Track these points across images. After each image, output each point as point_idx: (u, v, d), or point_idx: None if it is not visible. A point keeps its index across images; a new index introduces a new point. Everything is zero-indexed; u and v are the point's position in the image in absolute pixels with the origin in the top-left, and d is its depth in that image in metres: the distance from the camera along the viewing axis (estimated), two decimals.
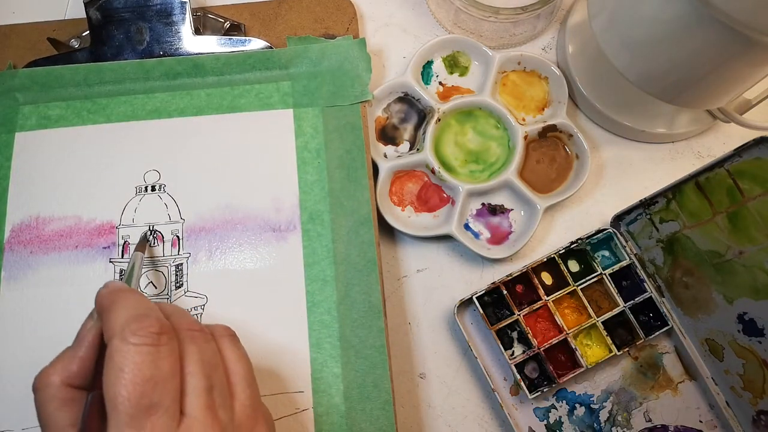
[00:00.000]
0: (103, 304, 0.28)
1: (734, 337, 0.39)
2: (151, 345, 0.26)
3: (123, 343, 0.25)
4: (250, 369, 0.30)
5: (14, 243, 0.41)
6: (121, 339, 0.25)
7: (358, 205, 0.41)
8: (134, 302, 0.28)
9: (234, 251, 0.41)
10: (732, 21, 0.32)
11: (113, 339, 0.26)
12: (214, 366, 0.28)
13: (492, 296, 0.43)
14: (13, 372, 0.38)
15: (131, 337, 0.25)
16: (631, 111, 0.46)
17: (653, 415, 0.42)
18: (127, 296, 0.28)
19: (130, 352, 0.25)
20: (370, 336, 0.39)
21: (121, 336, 0.26)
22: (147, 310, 0.27)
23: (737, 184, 0.35)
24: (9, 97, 0.44)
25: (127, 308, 0.27)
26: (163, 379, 0.25)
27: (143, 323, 0.26)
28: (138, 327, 0.26)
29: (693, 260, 0.40)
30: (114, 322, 0.26)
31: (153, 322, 0.26)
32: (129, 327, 0.26)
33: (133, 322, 0.26)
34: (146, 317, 0.26)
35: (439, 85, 0.48)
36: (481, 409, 0.42)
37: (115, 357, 0.25)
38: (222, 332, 0.31)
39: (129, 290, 0.29)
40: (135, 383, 0.25)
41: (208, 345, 0.29)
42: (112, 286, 0.30)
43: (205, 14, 0.47)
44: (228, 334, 0.31)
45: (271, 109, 0.44)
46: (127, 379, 0.25)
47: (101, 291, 0.29)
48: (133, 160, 0.43)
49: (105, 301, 0.28)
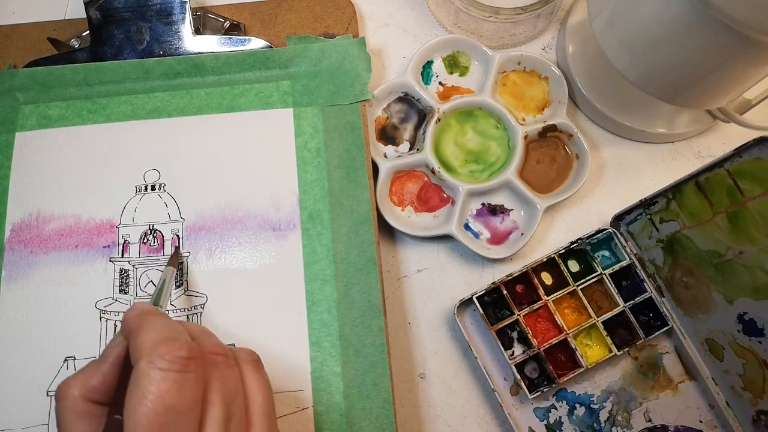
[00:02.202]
0: (131, 327, 0.28)
1: (734, 337, 0.39)
2: (177, 371, 0.25)
3: (150, 367, 0.25)
4: (271, 399, 0.29)
5: (14, 242, 0.41)
6: (148, 363, 0.25)
7: (358, 204, 0.41)
8: (163, 325, 0.27)
9: (234, 250, 0.41)
10: (732, 21, 0.32)
11: (140, 362, 0.25)
12: (235, 394, 0.28)
13: (492, 296, 0.43)
14: (13, 372, 0.38)
15: (159, 362, 0.25)
16: (631, 111, 0.46)
17: (653, 415, 0.42)
18: (155, 319, 0.28)
19: (156, 378, 0.25)
20: (369, 335, 0.39)
21: (149, 359, 0.25)
22: (175, 333, 0.27)
23: (737, 184, 0.35)
24: (9, 97, 0.44)
25: (156, 331, 0.27)
26: (185, 409, 0.25)
27: (172, 347, 0.26)
28: (166, 351, 0.25)
29: (693, 260, 0.40)
30: (141, 344, 0.26)
31: (181, 345, 0.26)
32: (157, 350, 0.25)
33: (161, 345, 0.26)
34: (174, 341, 0.26)
35: (439, 85, 0.48)
36: (481, 409, 0.42)
37: (141, 381, 0.25)
38: (246, 358, 0.30)
39: (157, 313, 0.29)
40: (157, 412, 0.24)
41: (231, 371, 0.28)
42: (140, 307, 0.29)
43: (204, 14, 0.47)
44: (252, 359, 0.30)
45: (270, 108, 0.44)
46: (149, 407, 0.24)
47: (129, 313, 0.29)
48: (133, 160, 0.43)
49: (133, 323, 0.28)
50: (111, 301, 0.40)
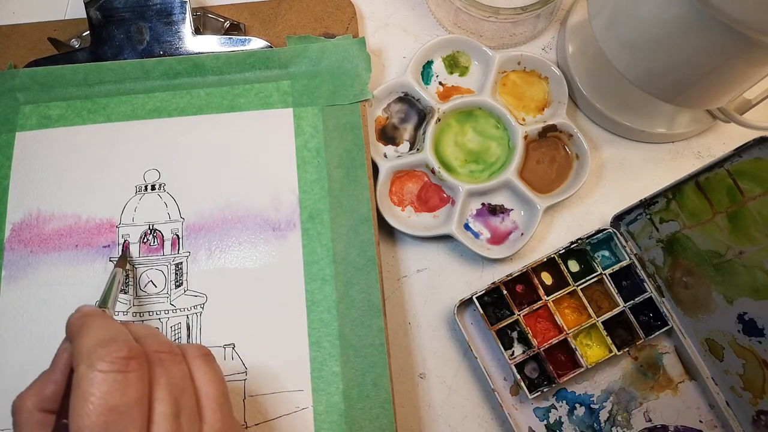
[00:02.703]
0: (72, 330, 0.28)
1: (734, 337, 0.39)
2: (118, 372, 0.25)
3: (89, 370, 0.25)
4: (223, 390, 0.29)
5: (14, 242, 0.41)
6: (87, 365, 0.25)
7: (358, 204, 0.41)
8: (102, 326, 0.27)
9: (233, 250, 0.41)
10: (732, 21, 0.32)
11: (80, 365, 0.25)
12: (183, 389, 0.27)
13: (492, 296, 0.43)
14: (13, 371, 0.38)
15: (98, 364, 0.25)
16: (631, 111, 0.46)
17: (653, 415, 0.42)
18: (95, 321, 0.27)
19: (96, 380, 0.24)
20: (369, 335, 0.39)
21: (88, 362, 0.25)
22: (115, 333, 0.27)
23: (737, 184, 0.35)
24: (9, 97, 0.44)
25: (95, 333, 0.26)
26: (129, 407, 0.25)
27: (110, 348, 0.25)
28: (105, 353, 0.25)
29: (693, 260, 0.40)
30: (81, 347, 0.26)
31: (120, 346, 0.26)
32: (96, 353, 0.25)
33: (99, 347, 0.25)
34: (113, 342, 0.26)
35: (439, 85, 0.48)
36: (481, 409, 0.42)
37: (82, 385, 0.25)
38: (194, 353, 0.30)
39: (98, 314, 0.28)
40: (99, 413, 0.24)
41: (177, 367, 0.28)
42: (83, 310, 0.29)
43: (205, 14, 0.47)
44: (201, 354, 0.30)
45: (270, 108, 0.44)
46: (91, 408, 0.24)
47: (71, 316, 0.29)
48: (133, 160, 0.43)
49: (74, 326, 0.28)
50: None
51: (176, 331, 0.39)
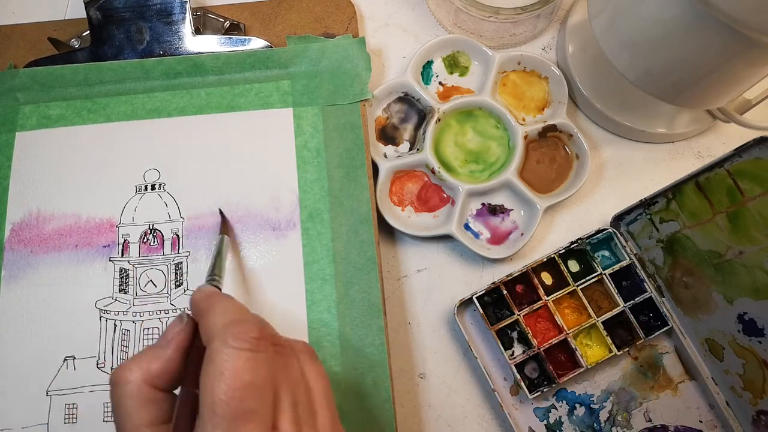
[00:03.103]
0: (200, 307, 0.28)
1: (734, 337, 0.39)
2: (250, 350, 0.25)
3: (224, 346, 0.25)
4: (329, 388, 0.30)
5: (14, 242, 0.41)
6: (222, 341, 0.25)
7: (358, 203, 0.41)
8: (232, 307, 0.28)
9: (233, 250, 0.41)
10: (732, 21, 0.32)
11: (213, 341, 0.26)
12: (298, 383, 0.28)
13: (492, 296, 0.43)
14: (13, 371, 0.38)
15: (233, 341, 0.25)
16: (631, 111, 0.46)
17: (653, 415, 0.42)
18: (223, 301, 0.28)
19: (231, 356, 0.25)
20: (369, 334, 0.39)
21: (222, 339, 0.25)
22: (246, 314, 0.28)
23: (737, 184, 0.35)
24: (9, 97, 0.44)
25: (226, 312, 0.27)
26: (261, 386, 0.25)
27: (244, 327, 0.26)
28: (240, 330, 0.26)
29: (693, 260, 0.40)
30: (214, 324, 0.26)
31: (253, 327, 0.26)
32: (230, 330, 0.26)
33: (233, 326, 0.26)
34: (246, 322, 0.26)
35: (439, 85, 0.48)
36: (481, 409, 0.42)
37: (216, 359, 0.25)
38: (303, 348, 0.30)
39: (224, 295, 0.29)
40: (235, 387, 0.24)
41: (292, 360, 0.29)
42: (207, 290, 0.30)
43: (205, 14, 0.47)
44: (307, 350, 0.30)
45: (270, 108, 0.44)
46: (227, 383, 0.24)
47: (196, 295, 0.29)
48: (133, 159, 0.43)
49: (202, 304, 0.28)
50: (111, 300, 0.40)
51: None
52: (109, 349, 0.39)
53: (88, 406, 0.38)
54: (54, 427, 0.37)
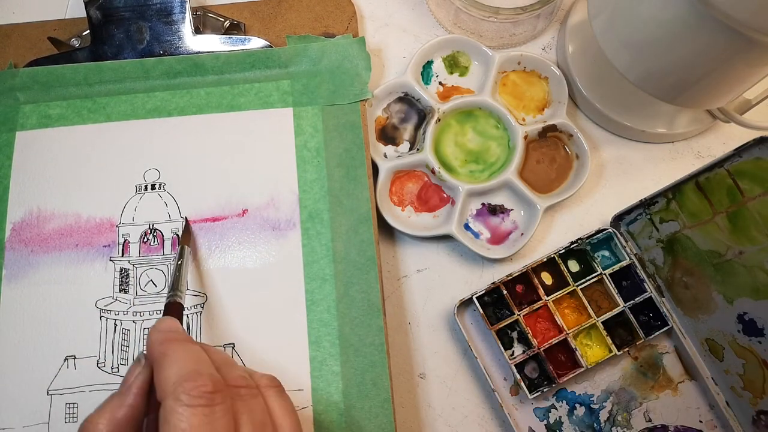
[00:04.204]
0: (155, 355, 0.28)
1: (734, 337, 0.39)
2: (205, 406, 0.25)
3: (177, 404, 0.25)
4: (297, 421, 0.29)
5: (15, 242, 0.41)
6: (174, 399, 0.25)
7: (358, 203, 0.41)
8: (186, 355, 0.27)
9: (233, 249, 0.41)
10: (732, 21, 0.32)
11: (167, 399, 0.25)
12: (264, 424, 0.28)
13: (492, 296, 0.43)
14: (13, 371, 0.38)
15: (185, 398, 0.25)
16: (631, 111, 0.46)
17: (653, 415, 0.42)
18: (178, 348, 0.28)
19: (185, 414, 0.25)
20: (369, 334, 0.39)
21: (175, 396, 0.25)
22: (199, 365, 0.27)
23: (737, 184, 0.35)
24: (10, 97, 0.44)
25: (179, 363, 0.27)
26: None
27: (197, 382, 0.26)
28: (192, 386, 0.25)
29: (693, 260, 0.40)
30: (166, 379, 0.26)
31: (206, 381, 0.26)
32: (182, 386, 0.25)
33: (186, 380, 0.26)
34: (199, 375, 0.26)
35: (439, 85, 0.48)
36: (481, 409, 0.42)
37: (170, 419, 0.25)
38: (268, 384, 0.30)
39: (180, 340, 0.29)
40: None
41: (256, 401, 0.28)
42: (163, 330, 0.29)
43: (204, 13, 0.47)
44: (274, 385, 0.30)
45: (270, 107, 0.44)
46: None
47: (152, 336, 0.29)
48: (133, 159, 0.43)
49: (156, 351, 0.28)
50: (111, 300, 0.40)
51: None
52: (110, 349, 0.39)
53: (88, 406, 0.38)
54: (55, 426, 0.37)
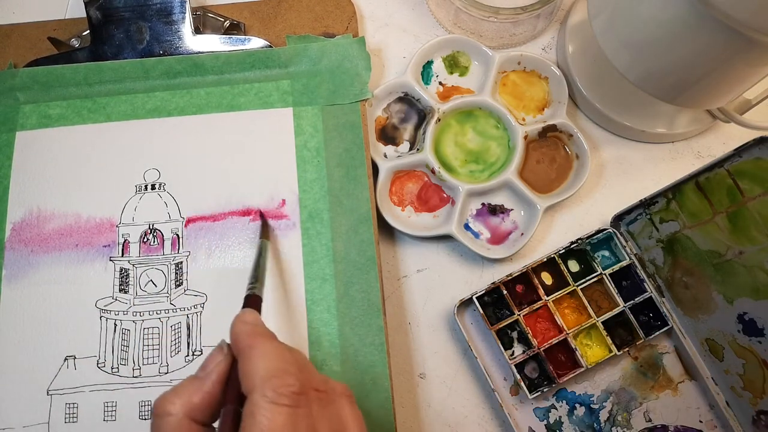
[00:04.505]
0: (241, 346, 0.28)
1: (734, 337, 0.39)
2: (290, 406, 0.25)
3: (264, 400, 0.25)
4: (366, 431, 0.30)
5: (15, 242, 0.41)
6: (261, 395, 0.25)
7: (358, 203, 0.41)
8: (274, 353, 0.27)
9: (233, 249, 0.41)
10: (732, 21, 0.32)
11: (253, 393, 0.25)
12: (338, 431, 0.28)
13: (492, 296, 0.43)
14: (13, 371, 0.38)
15: (273, 396, 0.25)
16: (631, 111, 0.46)
17: (653, 415, 0.42)
18: (266, 343, 0.28)
19: (272, 412, 0.25)
20: (369, 334, 0.39)
21: (262, 392, 0.25)
22: (287, 364, 0.27)
23: (737, 184, 0.35)
24: (10, 97, 0.44)
25: (268, 358, 0.27)
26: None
27: (285, 381, 0.26)
28: (280, 384, 0.25)
29: (693, 260, 0.40)
30: (254, 373, 0.26)
31: (294, 381, 0.26)
32: (270, 382, 0.25)
33: (274, 377, 0.26)
34: (288, 374, 0.26)
35: (439, 85, 0.48)
36: (481, 409, 0.42)
37: (257, 415, 0.25)
38: (342, 392, 0.30)
39: (267, 334, 0.29)
40: None
41: (332, 408, 0.28)
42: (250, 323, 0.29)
43: (204, 13, 0.47)
44: (347, 394, 0.30)
45: (270, 107, 0.44)
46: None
47: (237, 327, 0.29)
48: (133, 159, 0.43)
49: (243, 342, 0.28)
50: (111, 300, 0.40)
51: (176, 331, 0.39)
52: (110, 349, 0.39)
53: (88, 406, 0.38)
54: (55, 426, 0.37)
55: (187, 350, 0.39)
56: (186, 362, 0.39)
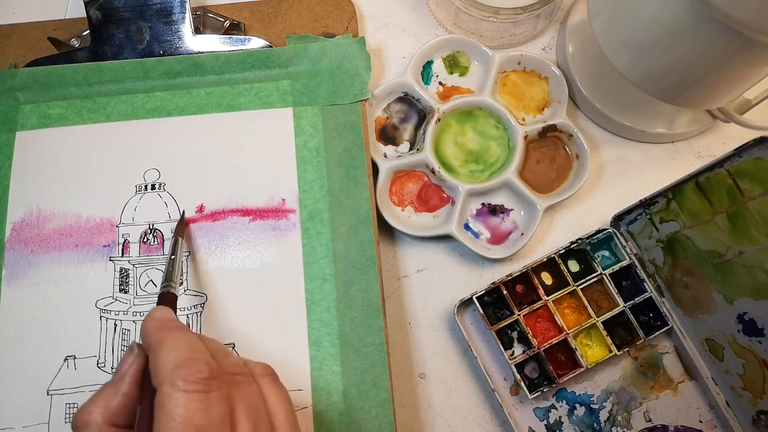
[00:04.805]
0: (150, 343, 0.28)
1: (734, 337, 0.39)
2: (201, 392, 0.25)
3: (173, 390, 0.25)
4: (292, 410, 0.29)
5: (15, 242, 0.41)
6: (171, 385, 0.25)
7: (358, 203, 0.41)
8: (183, 343, 0.27)
9: (233, 249, 0.41)
10: (732, 21, 0.32)
11: (163, 384, 0.25)
12: (258, 411, 0.28)
13: (492, 296, 0.43)
14: (13, 371, 0.38)
15: (182, 384, 0.25)
16: (631, 111, 0.46)
17: (653, 415, 0.42)
18: (175, 335, 0.28)
19: (182, 400, 0.25)
20: (369, 334, 0.39)
21: (171, 382, 0.25)
22: (196, 352, 0.27)
23: (737, 184, 0.35)
24: (10, 97, 0.44)
25: (176, 350, 0.27)
26: (216, 425, 0.25)
27: (194, 368, 0.26)
28: (189, 372, 0.25)
29: (693, 260, 0.40)
30: (163, 366, 0.26)
31: (203, 367, 0.26)
32: (178, 372, 0.25)
33: (182, 366, 0.26)
34: (196, 361, 0.26)
35: (439, 85, 0.48)
36: (481, 409, 0.42)
37: (166, 405, 0.25)
38: (262, 372, 0.30)
39: (175, 327, 0.29)
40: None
41: (251, 388, 0.28)
42: (159, 319, 0.29)
43: (204, 13, 0.47)
44: (268, 374, 0.30)
45: (270, 107, 0.44)
46: (178, 429, 0.24)
47: (147, 324, 0.29)
48: (133, 159, 0.43)
49: (152, 337, 0.28)
50: (111, 300, 0.40)
51: None
52: (110, 349, 0.39)
53: None
54: (55, 426, 0.37)
55: None
56: None
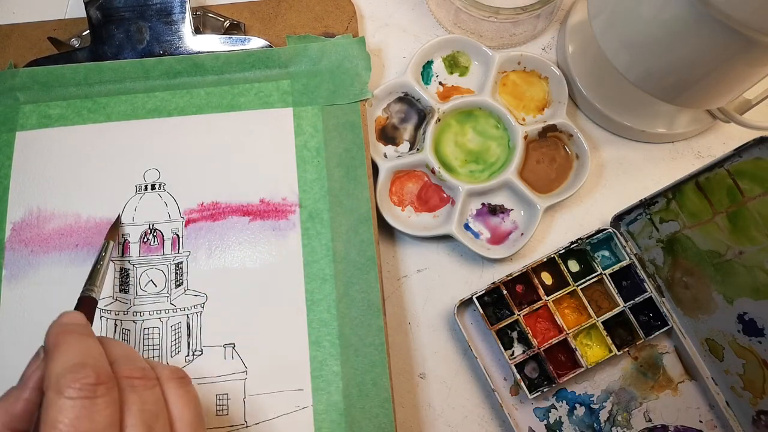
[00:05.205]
0: (47, 346, 0.27)
1: (734, 337, 0.39)
2: (85, 398, 0.25)
3: (57, 396, 0.24)
4: (198, 413, 0.29)
5: (15, 242, 0.41)
6: (55, 391, 0.24)
7: (358, 203, 0.41)
8: (75, 348, 0.27)
9: (233, 250, 0.41)
10: (732, 21, 0.32)
11: (48, 390, 0.25)
12: (156, 415, 0.27)
13: (492, 296, 0.43)
14: (13, 371, 0.38)
15: (66, 390, 0.24)
16: (631, 111, 0.46)
17: (653, 415, 0.42)
18: (69, 340, 0.27)
19: (65, 406, 0.24)
20: (369, 334, 0.39)
21: (56, 388, 0.24)
22: (86, 357, 0.26)
23: (737, 184, 0.35)
24: (10, 97, 0.44)
25: (68, 355, 0.26)
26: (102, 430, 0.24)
27: (79, 374, 0.25)
28: (73, 378, 0.25)
29: (693, 260, 0.40)
30: (51, 370, 0.25)
31: (89, 372, 0.25)
32: (64, 378, 0.25)
33: (68, 372, 0.25)
34: (82, 367, 0.25)
35: (439, 85, 0.48)
36: (481, 409, 0.42)
37: (50, 411, 0.24)
38: (169, 375, 0.29)
39: (74, 331, 0.28)
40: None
41: (150, 392, 0.27)
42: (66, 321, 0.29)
43: (204, 13, 0.47)
44: (176, 377, 0.29)
45: (270, 107, 0.44)
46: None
47: (50, 329, 0.28)
48: (133, 159, 0.43)
49: (49, 343, 0.27)
50: (111, 300, 0.40)
51: (176, 331, 0.39)
52: None
53: None
54: None
55: (187, 350, 0.39)
56: (186, 362, 0.39)
